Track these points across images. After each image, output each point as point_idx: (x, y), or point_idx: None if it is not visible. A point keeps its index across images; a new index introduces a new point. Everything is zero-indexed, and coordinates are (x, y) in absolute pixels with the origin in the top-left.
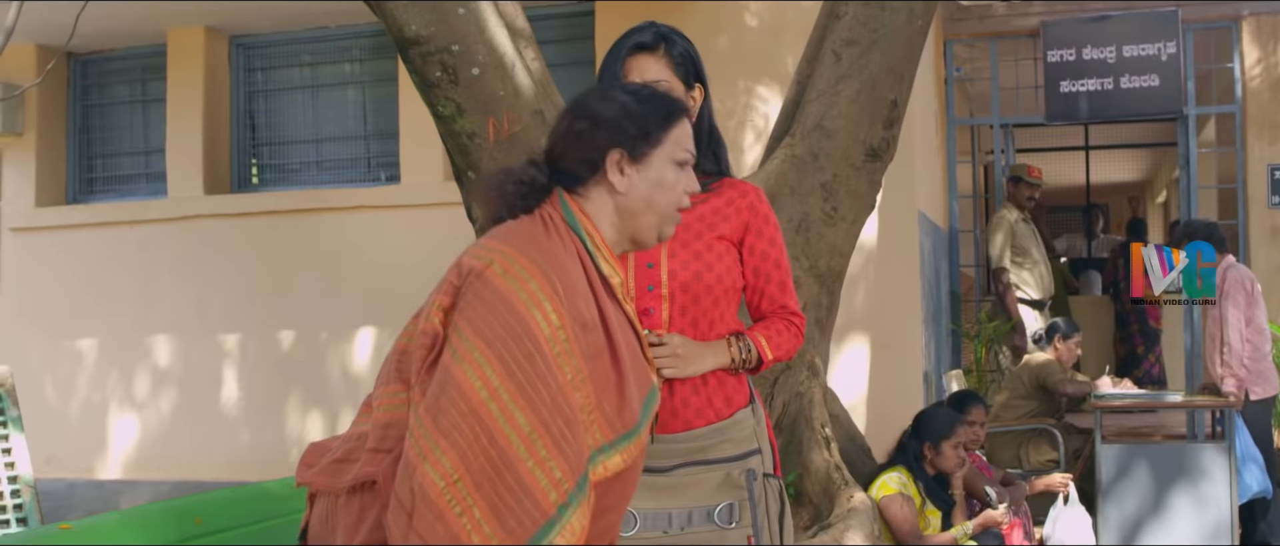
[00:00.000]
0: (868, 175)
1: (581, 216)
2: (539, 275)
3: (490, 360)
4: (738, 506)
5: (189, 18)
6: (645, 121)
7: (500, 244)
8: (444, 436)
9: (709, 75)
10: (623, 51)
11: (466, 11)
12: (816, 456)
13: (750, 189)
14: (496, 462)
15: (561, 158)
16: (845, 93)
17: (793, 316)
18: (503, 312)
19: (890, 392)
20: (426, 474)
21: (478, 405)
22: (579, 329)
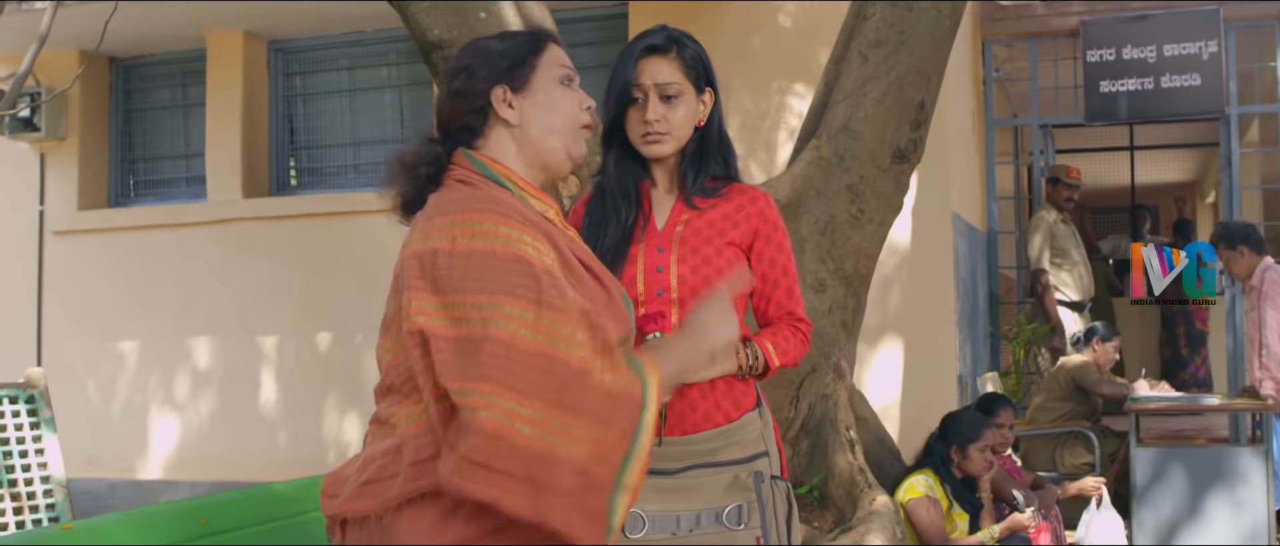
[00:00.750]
0: (895, 177)
1: (493, 164)
2: (502, 220)
3: (511, 302)
4: (746, 508)
5: (228, 22)
6: (515, 52)
7: (447, 218)
8: (492, 383)
9: (743, 76)
10: (634, 54)
11: (488, 15)
12: (841, 459)
13: (760, 195)
14: (566, 378)
15: (451, 120)
16: (872, 94)
17: (799, 323)
18: (494, 263)
19: (924, 395)
20: (484, 419)
21: (524, 343)
22: (554, 247)
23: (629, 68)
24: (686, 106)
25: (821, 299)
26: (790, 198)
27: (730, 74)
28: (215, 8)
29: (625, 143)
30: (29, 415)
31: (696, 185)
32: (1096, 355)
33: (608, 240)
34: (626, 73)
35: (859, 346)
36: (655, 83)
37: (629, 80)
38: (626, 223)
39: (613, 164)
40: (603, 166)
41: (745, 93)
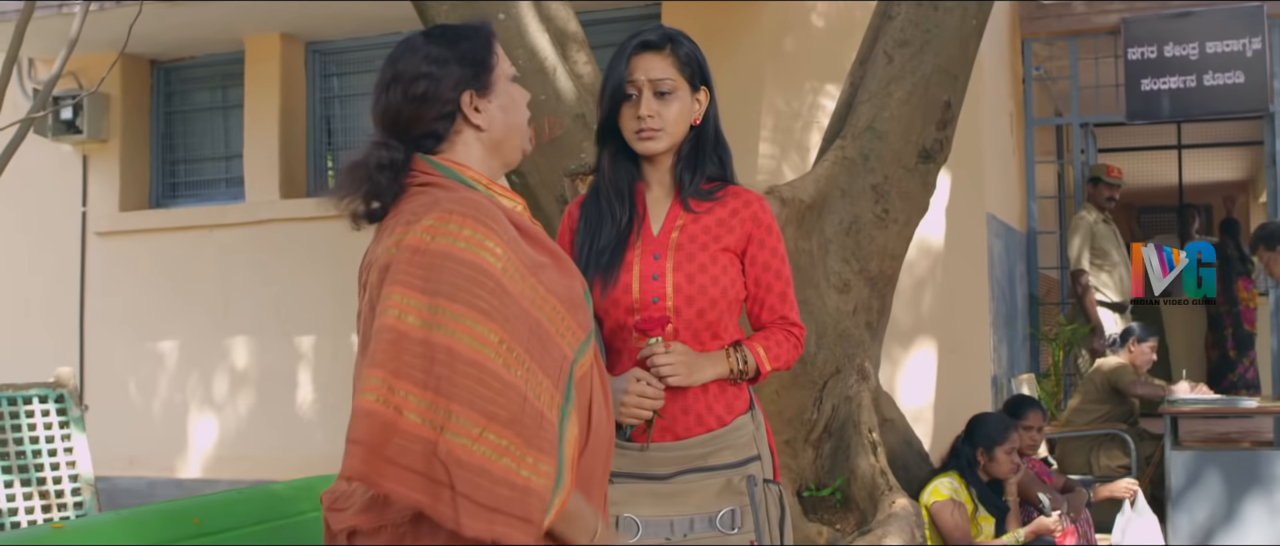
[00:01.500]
0: (921, 177)
1: (455, 166)
2: (469, 222)
3: (464, 313)
4: (739, 512)
5: (266, 25)
6: (476, 55)
7: (412, 220)
8: (453, 400)
9: (776, 77)
10: (628, 50)
11: (507, 16)
12: (863, 461)
13: (754, 198)
14: (513, 398)
15: (413, 126)
16: (897, 94)
17: (792, 327)
18: (453, 267)
19: (958, 397)
20: (450, 441)
21: (474, 356)
22: (519, 251)
23: (623, 64)
24: (681, 103)
25: (846, 300)
26: (814, 198)
27: (763, 75)
28: (253, 11)
29: (620, 141)
30: (58, 414)
31: (693, 187)
32: (1133, 356)
33: (603, 241)
34: (620, 69)
35: (891, 347)
36: (649, 78)
37: (623, 76)
38: (621, 223)
39: (607, 162)
40: (598, 165)
41: (778, 93)
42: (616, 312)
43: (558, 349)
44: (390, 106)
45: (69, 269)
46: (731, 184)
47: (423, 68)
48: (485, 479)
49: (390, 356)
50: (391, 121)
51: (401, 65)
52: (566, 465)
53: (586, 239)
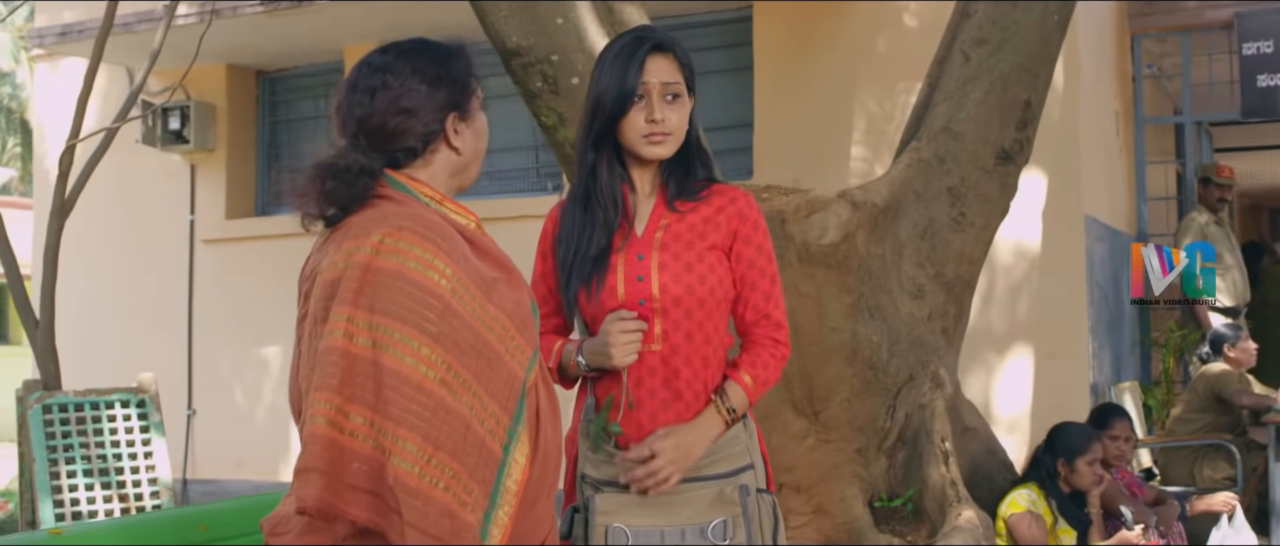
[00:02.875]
0: (999, 179)
1: (412, 183)
2: (417, 240)
3: (412, 335)
4: (731, 523)
5: (364, 35)
6: (462, 78)
7: (364, 236)
8: (399, 424)
9: (868, 78)
10: (640, 53)
11: (565, 21)
12: (934, 472)
13: (740, 194)
14: (456, 425)
15: (394, 138)
16: (974, 94)
17: (776, 331)
18: (402, 287)
19: (1055, 404)
20: (397, 467)
21: (420, 380)
22: (470, 269)
23: (635, 67)
24: (684, 108)
25: (920, 305)
26: (888, 201)
27: (856, 75)
28: (351, 20)
29: (615, 147)
30: (139, 419)
31: (681, 189)
32: (1234, 360)
33: (593, 248)
34: (631, 72)
35: (986, 354)
36: (661, 81)
37: (636, 80)
38: (613, 229)
39: (604, 169)
40: (593, 170)
41: (870, 95)
42: (603, 317)
43: (507, 369)
44: (373, 115)
45: (178, 276)
46: (716, 183)
47: (414, 83)
48: (431, 508)
49: (339, 379)
50: (372, 130)
51: (391, 77)
52: (507, 491)
53: (571, 246)
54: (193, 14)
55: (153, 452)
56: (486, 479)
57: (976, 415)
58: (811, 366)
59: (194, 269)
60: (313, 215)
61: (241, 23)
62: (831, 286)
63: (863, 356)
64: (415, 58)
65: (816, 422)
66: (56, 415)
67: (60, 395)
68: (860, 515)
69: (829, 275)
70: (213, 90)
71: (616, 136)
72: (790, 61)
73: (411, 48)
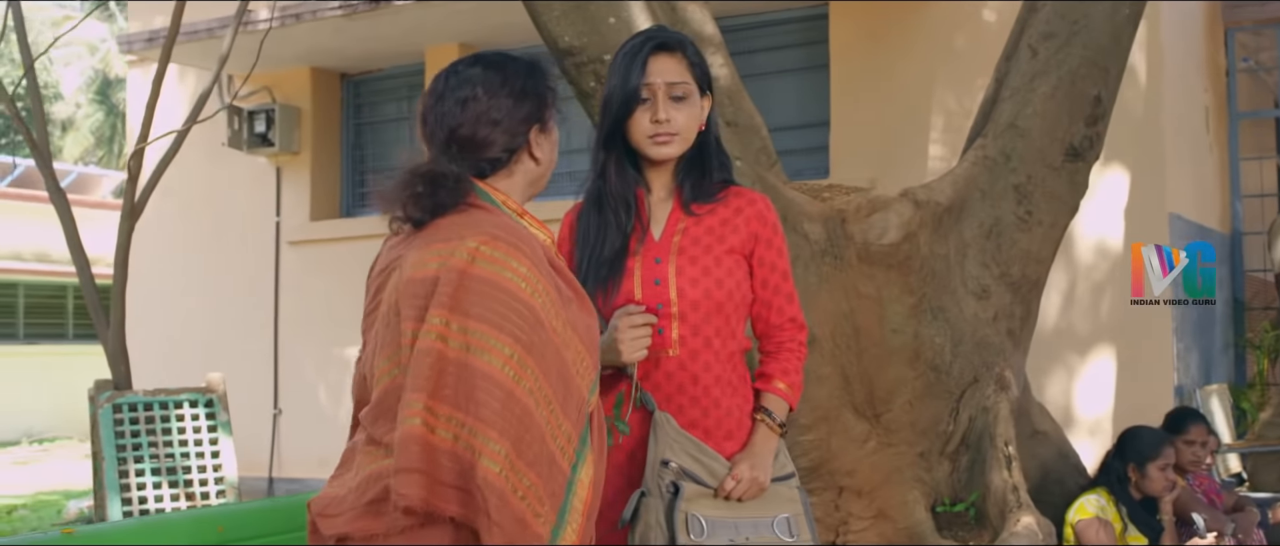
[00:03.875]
0: (1068, 176)
1: (495, 193)
2: (511, 251)
3: (506, 342)
4: (794, 520)
5: (445, 36)
6: (542, 90)
7: (459, 241)
8: (491, 426)
9: (947, 75)
10: (643, 52)
11: (617, 20)
12: (996, 476)
13: (758, 197)
14: (536, 436)
15: (481, 148)
16: (1041, 89)
17: (800, 332)
18: (499, 296)
19: (1138, 407)
20: (487, 468)
21: (511, 387)
22: (553, 284)
23: (637, 67)
24: (693, 108)
25: (985, 306)
26: (952, 200)
27: (933, 72)
28: (432, 22)
29: (624, 148)
30: (207, 419)
31: (696, 191)
32: None
33: (607, 250)
34: (634, 72)
35: (1067, 355)
36: (666, 82)
37: (639, 80)
38: (627, 231)
39: (613, 170)
40: (602, 172)
41: (949, 92)
42: None
43: (579, 392)
44: (463, 125)
45: (263, 277)
46: (733, 184)
47: (502, 97)
48: (509, 511)
49: (431, 379)
50: (463, 140)
51: (480, 89)
52: (573, 510)
53: (587, 249)
54: (274, 18)
55: (220, 452)
56: (556, 494)
57: (1048, 418)
58: (872, 368)
59: (279, 270)
60: (401, 219)
61: (322, 26)
62: (893, 287)
63: (925, 358)
64: (502, 71)
65: (878, 425)
66: (126, 414)
67: (130, 395)
68: (922, 520)
69: (890, 275)
70: (298, 93)
71: (627, 138)
72: (866, 59)
73: (497, 61)
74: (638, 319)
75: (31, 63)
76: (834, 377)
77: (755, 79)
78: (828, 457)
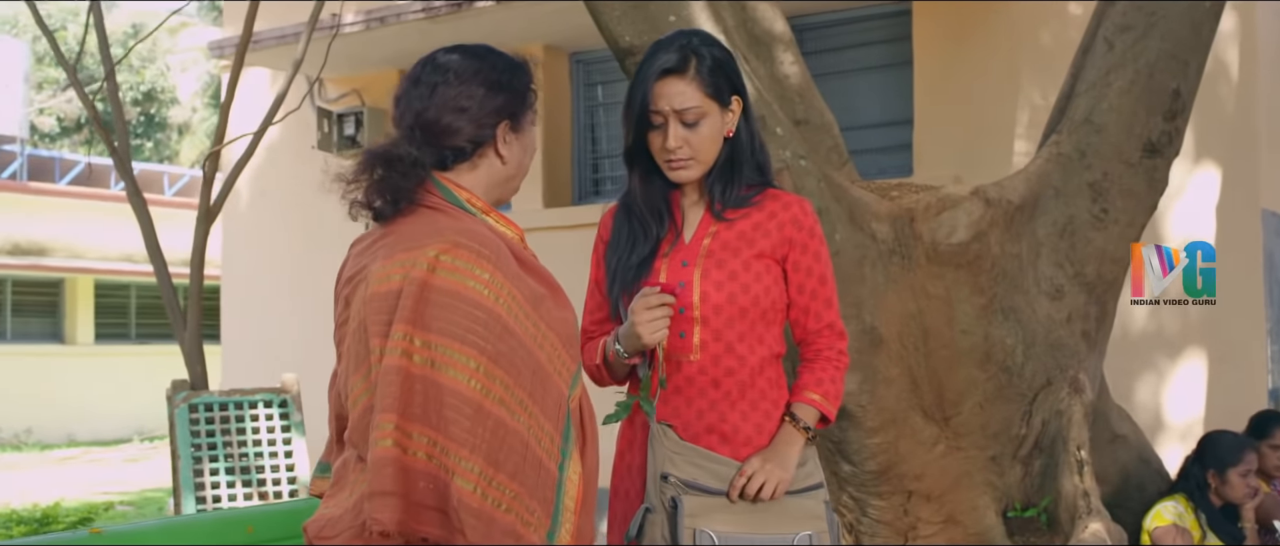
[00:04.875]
0: (1146, 173)
1: (458, 190)
2: (473, 257)
3: (471, 355)
4: (817, 536)
5: (531, 36)
6: (520, 88)
7: (419, 249)
8: (461, 445)
9: (1033, 71)
10: (650, 77)
11: (677, 18)
12: (1068, 481)
13: (794, 201)
14: (516, 445)
15: (445, 136)
16: (1117, 83)
17: (839, 340)
18: (461, 307)
19: (1230, 411)
20: (460, 487)
21: (479, 400)
22: (520, 284)
23: (642, 92)
24: (710, 126)
25: (1058, 307)
26: (1024, 198)
27: (1018, 68)
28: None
29: (650, 160)
30: (281, 419)
31: (726, 197)
32: None
33: (635, 256)
34: (643, 96)
35: (1156, 357)
36: (673, 108)
37: (646, 104)
38: (655, 237)
39: (638, 183)
40: (628, 185)
41: (1035, 88)
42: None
43: (556, 389)
44: (429, 109)
45: None
46: (770, 188)
47: (474, 85)
48: (494, 530)
49: (400, 399)
50: (427, 124)
51: (452, 75)
52: (566, 509)
53: (616, 253)
54: (358, 21)
55: (293, 451)
56: (547, 498)
57: (1128, 421)
58: (941, 370)
59: None
60: (361, 205)
61: (407, 29)
62: (962, 287)
63: (996, 360)
64: (479, 61)
65: (947, 428)
66: (201, 414)
67: (205, 395)
68: (992, 525)
69: (959, 275)
70: (386, 96)
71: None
72: (950, 55)
73: (477, 51)
74: (654, 300)
75: (112, 68)
76: (902, 379)
77: (837, 77)
78: (896, 461)
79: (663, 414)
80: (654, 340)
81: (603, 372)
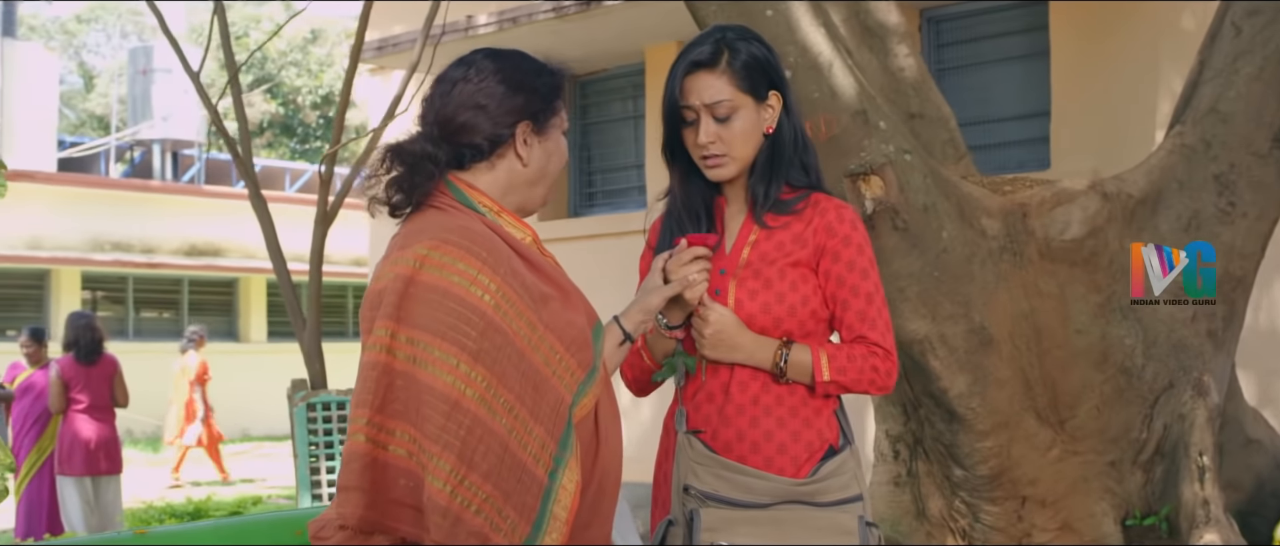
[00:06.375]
0: (1276, 164)
1: (472, 192)
2: (461, 253)
3: (452, 351)
4: None
5: (662, 35)
6: (547, 91)
7: (409, 247)
8: (434, 441)
9: (1174, 58)
10: (680, 71)
11: (775, 13)
12: (1187, 489)
13: (831, 207)
14: (493, 446)
15: (463, 134)
16: (1245, 70)
17: (876, 347)
18: (444, 303)
19: None
20: (431, 486)
21: (457, 398)
22: (519, 284)
23: (673, 86)
24: (744, 121)
25: (1182, 306)
26: (1146, 192)
27: (1158, 56)
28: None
29: (690, 160)
30: None
31: (768, 200)
32: None
33: None
34: (671, 92)
35: None
36: (704, 103)
37: (676, 100)
38: None
39: (678, 183)
40: (670, 186)
41: (1176, 75)
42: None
43: (554, 393)
44: (448, 106)
45: None
46: (817, 191)
47: (493, 83)
48: (459, 530)
49: (376, 393)
50: (444, 121)
51: (473, 72)
52: (555, 518)
53: None
54: (492, 22)
55: None
56: (528, 505)
57: (1263, 425)
58: (1054, 371)
59: None
60: (380, 201)
61: (539, 29)
62: (1077, 284)
63: (1114, 361)
64: (503, 61)
65: (1063, 432)
66: (320, 413)
67: (324, 394)
68: (1110, 533)
69: (1074, 272)
70: None
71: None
72: (1088, 45)
73: (504, 53)
74: (688, 256)
75: (236, 72)
76: (1014, 381)
77: (973, 69)
78: (1009, 465)
79: (695, 422)
80: (695, 295)
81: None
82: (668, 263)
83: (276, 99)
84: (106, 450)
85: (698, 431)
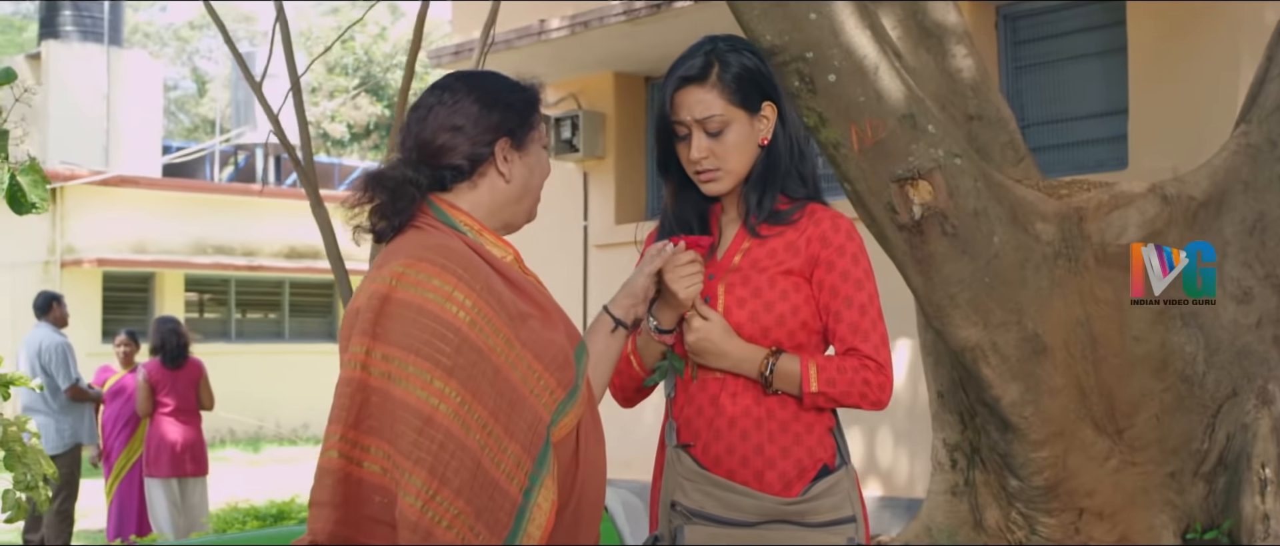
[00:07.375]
0: None
1: (454, 212)
2: (436, 270)
3: (425, 367)
4: None
5: None
6: (523, 107)
7: (386, 266)
8: (407, 457)
9: (1255, 53)
10: (670, 87)
11: (818, 16)
12: (1248, 502)
13: (826, 217)
14: (466, 462)
15: (441, 155)
16: None
17: (868, 360)
18: (419, 320)
19: None
20: (404, 502)
21: (430, 413)
22: (496, 301)
23: (666, 102)
24: (737, 135)
25: (1247, 311)
26: (1208, 194)
27: (1239, 53)
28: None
29: (683, 173)
30: None
31: (762, 211)
32: None
33: None
34: (664, 107)
35: None
36: (695, 118)
37: (667, 115)
38: None
39: (670, 197)
40: (663, 200)
41: None
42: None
43: (531, 411)
44: (425, 130)
45: (573, 281)
46: (814, 202)
47: (467, 103)
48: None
49: (350, 410)
50: (422, 144)
51: (448, 94)
52: (529, 536)
53: None
54: (565, 26)
55: None
56: (500, 523)
57: None
58: (1111, 379)
59: (587, 273)
60: (364, 230)
61: (612, 31)
62: None
63: (1174, 368)
64: (477, 81)
65: (1120, 442)
66: None
67: None
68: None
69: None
70: (601, 99)
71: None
72: (1167, 41)
73: (477, 74)
74: (684, 257)
75: (298, 79)
76: (1069, 389)
77: (1049, 66)
78: (1064, 476)
79: (686, 436)
80: (689, 295)
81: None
82: (665, 266)
83: (381, 101)
84: (192, 452)
85: (688, 446)
